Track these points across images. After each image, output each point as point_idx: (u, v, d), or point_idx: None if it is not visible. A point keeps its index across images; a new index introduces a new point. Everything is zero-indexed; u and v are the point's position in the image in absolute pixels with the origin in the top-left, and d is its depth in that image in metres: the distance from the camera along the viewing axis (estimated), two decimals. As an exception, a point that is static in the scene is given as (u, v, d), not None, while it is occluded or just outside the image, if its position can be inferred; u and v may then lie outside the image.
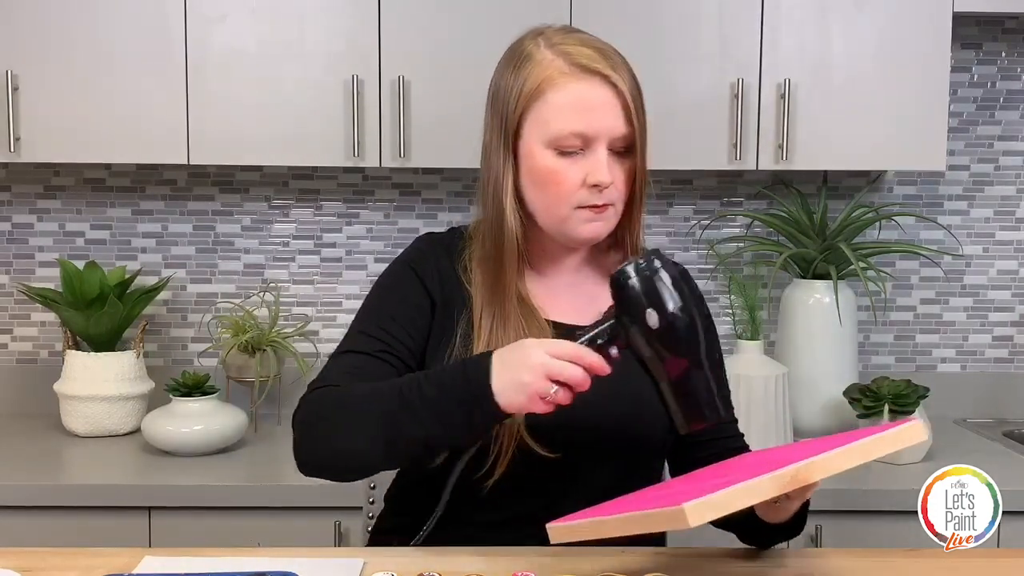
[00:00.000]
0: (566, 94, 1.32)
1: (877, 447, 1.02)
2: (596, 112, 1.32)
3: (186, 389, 2.23)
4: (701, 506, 0.93)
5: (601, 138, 1.32)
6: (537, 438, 1.30)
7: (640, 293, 1.13)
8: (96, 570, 1.17)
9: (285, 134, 2.23)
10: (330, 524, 2.00)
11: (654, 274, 1.13)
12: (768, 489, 0.97)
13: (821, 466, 0.99)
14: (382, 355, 1.34)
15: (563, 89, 1.32)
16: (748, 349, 2.32)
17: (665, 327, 1.12)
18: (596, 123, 1.31)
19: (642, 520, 1.00)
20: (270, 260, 2.58)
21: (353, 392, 1.27)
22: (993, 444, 2.35)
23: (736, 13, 2.23)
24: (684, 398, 1.13)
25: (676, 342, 1.12)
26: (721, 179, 2.59)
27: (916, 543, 1.23)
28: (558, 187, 1.33)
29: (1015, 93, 2.61)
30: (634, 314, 1.13)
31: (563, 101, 1.32)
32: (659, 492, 1.19)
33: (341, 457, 1.27)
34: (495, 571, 1.17)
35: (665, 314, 1.11)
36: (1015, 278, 2.65)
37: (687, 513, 0.92)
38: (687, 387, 1.12)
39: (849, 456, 1.01)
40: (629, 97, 1.32)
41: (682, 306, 1.12)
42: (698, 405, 1.13)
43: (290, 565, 1.17)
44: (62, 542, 1.93)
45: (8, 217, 2.56)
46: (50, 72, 2.20)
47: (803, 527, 1.31)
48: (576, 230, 1.35)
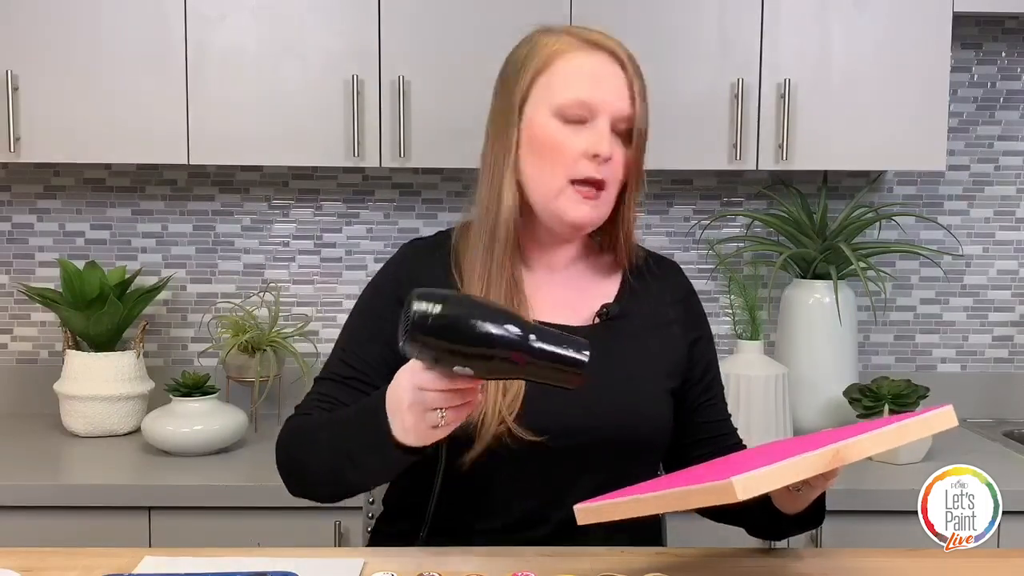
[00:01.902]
0: (576, 64, 1.35)
1: (911, 431, 1.04)
2: (603, 84, 1.34)
3: (186, 389, 2.23)
4: (750, 480, 0.94)
5: (605, 111, 1.33)
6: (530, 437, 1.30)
7: (438, 351, 1.04)
8: (96, 570, 1.17)
9: (285, 134, 2.23)
10: (330, 524, 2.00)
11: (404, 328, 1.04)
12: (812, 466, 0.99)
13: (859, 447, 1.01)
14: (352, 382, 1.37)
15: (573, 60, 1.35)
16: (748, 349, 2.32)
17: (487, 359, 1.03)
18: (601, 94, 1.33)
19: (683, 496, 1.01)
20: (270, 260, 2.58)
21: (309, 433, 1.32)
22: (993, 444, 2.35)
23: (736, 13, 2.23)
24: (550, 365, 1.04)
25: (465, 344, 1.02)
26: (721, 179, 2.59)
27: (916, 543, 1.23)
28: (560, 155, 1.33)
29: (1015, 93, 2.61)
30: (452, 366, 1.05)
31: (571, 70, 1.35)
32: (683, 477, 1.19)
33: (312, 485, 1.34)
34: (495, 571, 1.17)
35: (477, 358, 1.03)
36: (1015, 278, 2.65)
37: (736, 486, 0.93)
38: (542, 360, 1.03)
39: (885, 439, 1.03)
40: (635, 79, 1.35)
41: (472, 341, 1.02)
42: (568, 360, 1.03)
43: (290, 565, 1.17)
44: (62, 542, 1.93)
45: (8, 217, 2.56)
46: (50, 72, 2.20)
47: (823, 518, 1.31)
48: (567, 210, 1.35)
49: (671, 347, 1.43)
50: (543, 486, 1.34)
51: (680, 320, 1.46)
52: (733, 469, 1.01)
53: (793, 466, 0.98)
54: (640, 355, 1.40)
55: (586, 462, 1.35)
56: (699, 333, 1.48)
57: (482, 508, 1.35)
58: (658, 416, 1.39)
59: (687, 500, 1.01)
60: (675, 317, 1.45)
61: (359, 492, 1.36)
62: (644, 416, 1.37)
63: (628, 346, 1.39)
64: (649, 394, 1.39)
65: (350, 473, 1.25)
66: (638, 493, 1.09)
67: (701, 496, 0.98)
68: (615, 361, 1.38)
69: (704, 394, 1.48)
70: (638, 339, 1.41)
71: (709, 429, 1.48)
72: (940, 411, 1.06)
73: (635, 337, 1.41)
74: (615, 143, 1.35)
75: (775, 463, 0.97)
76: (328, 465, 1.27)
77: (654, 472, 1.46)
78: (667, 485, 1.09)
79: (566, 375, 1.04)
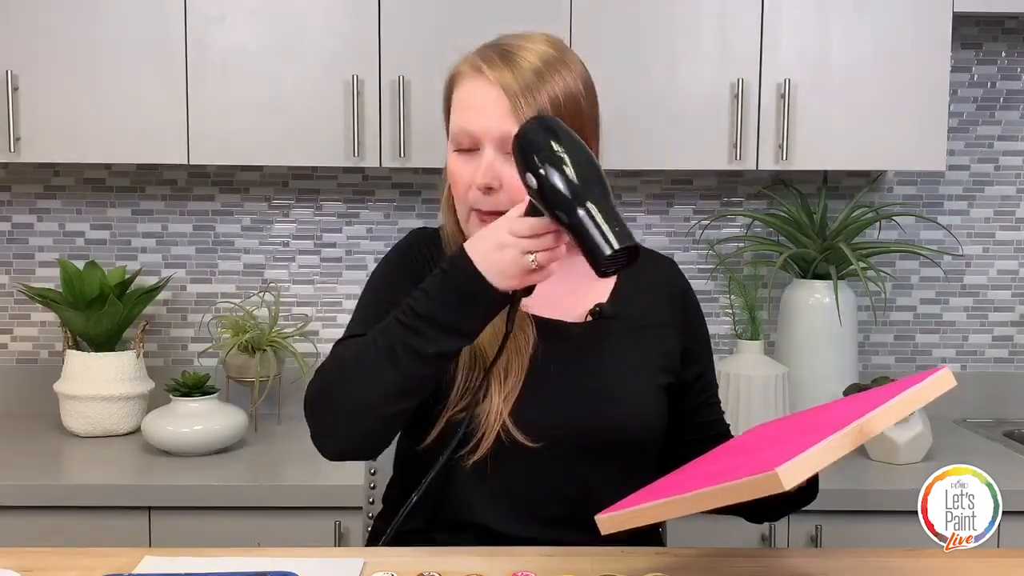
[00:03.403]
0: (462, 93, 1.35)
1: (921, 395, 1.06)
2: (479, 111, 1.32)
3: (186, 389, 2.23)
4: (793, 467, 0.94)
5: (487, 138, 1.32)
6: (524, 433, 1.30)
7: (518, 162, 1.15)
8: (96, 570, 1.17)
9: (285, 134, 2.23)
10: (330, 524, 2.00)
11: (520, 139, 1.15)
12: (846, 444, 0.99)
13: (881, 419, 1.02)
14: None
15: (461, 88, 1.36)
16: (748, 349, 2.32)
17: (537, 188, 1.13)
18: (481, 122, 1.32)
19: (719, 494, 1.00)
20: (270, 260, 2.59)
21: (349, 349, 1.27)
22: (993, 444, 2.35)
23: (736, 13, 2.23)
24: (582, 241, 1.12)
25: (550, 198, 1.12)
26: (721, 179, 2.59)
27: (916, 543, 1.23)
28: (457, 186, 1.35)
29: (1015, 93, 2.61)
30: (526, 182, 1.15)
31: (459, 98, 1.36)
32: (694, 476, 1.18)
33: (356, 415, 1.24)
34: (495, 571, 1.17)
35: (535, 175, 1.13)
36: (1015, 278, 2.65)
37: (781, 476, 0.93)
38: (579, 231, 1.11)
39: (901, 407, 1.04)
40: (519, 95, 1.30)
41: (540, 164, 1.12)
42: (594, 244, 1.11)
43: (290, 565, 1.17)
44: (62, 542, 1.93)
45: (8, 217, 2.56)
46: (50, 72, 2.20)
47: (817, 492, 1.31)
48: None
49: (666, 346, 1.43)
50: (534, 482, 1.34)
51: (675, 319, 1.46)
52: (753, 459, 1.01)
53: (829, 448, 0.98)
54: (634, 354, 1.40)
55: (581, 461, 1.35)
56: (695, 332, 1.48)
57: (475, 503, 1.35)
58: (651, 415, 1.39)
59: (727, 496, 0.99)
60: (670, 316, 1.45)
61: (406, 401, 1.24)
62: (637, 415, 1.37)
63: (620, 345, 1.39)
64: (643, 393, 1.39)
65: (421, 346, 1.19)
66: (658, 497, 1.07)
67: (744, 491, 0.97)
68: (607, 360, 1.38)
69: (701, 394, 1.48)
70: (630, 338, 1.41)
71: (704, 428, 1.48)
72: (938, 374, 1.07)
73: (629, 336, 1.41)
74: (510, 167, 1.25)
75: (809, 448, 0.96)
76: (382, 366, 1.20)
77: (648, 470, 1.46)
78: (684, 487, 1.07)
79: (589, 254, 1.10)
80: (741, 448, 1.23)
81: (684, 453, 1.44)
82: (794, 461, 0.94)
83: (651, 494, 1.12)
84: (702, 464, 1.25)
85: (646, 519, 1.07)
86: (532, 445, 1.30)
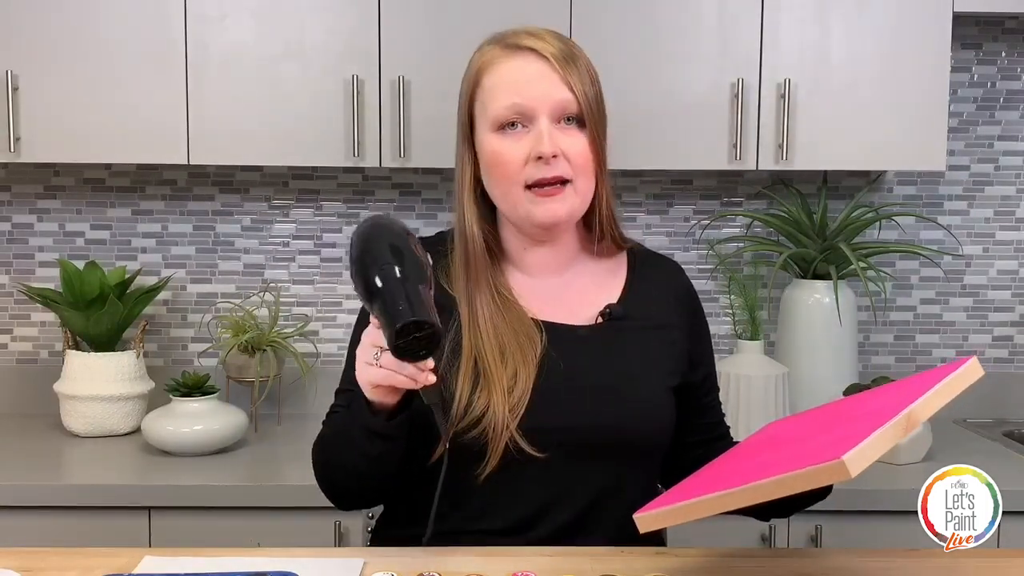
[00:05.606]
0: (499, 75, 1.35)
1: (954, 386, 1.08)
2: (529, 84, 1.33)
3: (186, 389, 2.23)
4: (858, 455, 0.95)
5: (540, 109, 1.32)
6: (529, 439, 1.30)
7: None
8: (96, 570, 1.17)
9: (285, 134, 2.23)
10: (330, 524, 2.00)
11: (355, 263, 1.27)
12: (898, 433, 1.01)
13: (923, 408, 1.04)
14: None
15: (496, 71, 1.35)
16: (748, 349, 2.32)
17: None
18: (529, 93, 1.33)
19: (778, 485, 1.00)
20: (270, 260, 2.59)
21: (323, 439, 1.39)
22: (993, 444, 2.35)
23: (736, 13, 2.23)
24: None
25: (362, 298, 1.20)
26: (721, 179, 2.59)
27: (916, 543, 1.23)
28: (504, 167, 1.34)
29: (1015, 93, 2.61)
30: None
31: (496, 81, 1.35)
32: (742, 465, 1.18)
33: (353, 484, 1.36)
34: (495, 571, 1.17)
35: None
36: (1015, 278, 2.65)
37: (848, 464, 0.94)
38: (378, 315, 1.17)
39: (938, 398, 1.06)
40: (568, 67, 1.33)
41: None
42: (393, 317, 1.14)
43: (290, 565, 1.17)
44: (62, 542, 1.93)
45: (8, 217, 2.56)
46: (50, 72, 2.20)
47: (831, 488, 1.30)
48: (532, 213, 1.35)
49: (675, 347, 1.43)
50: (546, 487, 1.34)
51: (684, 320, 1.46)
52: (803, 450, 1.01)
53: (885, 436, 0.99)
54: (643, 355, 1.40)
55: (590, 462, 1.34)
56: (701, 335, 1.49)
57: (485, 509, 1.35)
58: (661, 416, 1.39)
59: (785, 487, 0.99)
60: (678, 318, 1.45)
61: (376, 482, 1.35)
62: (647, 416, 1.37)
63: (631, 346, 1.40)
64: (652, 394, 1.39)
65: (358, 460, 1.29)
66: (698, 494, 1.06)
67: (806, 480, 0.98)
68: (618, 361, 1.38)
69: (707, 395, 1.49)
70: (641, 339, 1.41)
71: (709, 430, 1.48)
72: (967, 365, 1.09)
73: (638, 337, 1.41)
74: (564, 136, 1.33)
75: (868, 436, 0.97)
76: (343, 460, 1.32)
77: (656, 472, 1.46)
78: (728, 482, 1.06)
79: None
80: (772, 443, 1.23)
81: (687, 454, 1.44)
82: (858, 448, 0.95)
83: (687, 491, 1.11)
84: (734, 460, 1.24)
85: (689, 516, 1.06)
86: (540, 455, 1.30)
